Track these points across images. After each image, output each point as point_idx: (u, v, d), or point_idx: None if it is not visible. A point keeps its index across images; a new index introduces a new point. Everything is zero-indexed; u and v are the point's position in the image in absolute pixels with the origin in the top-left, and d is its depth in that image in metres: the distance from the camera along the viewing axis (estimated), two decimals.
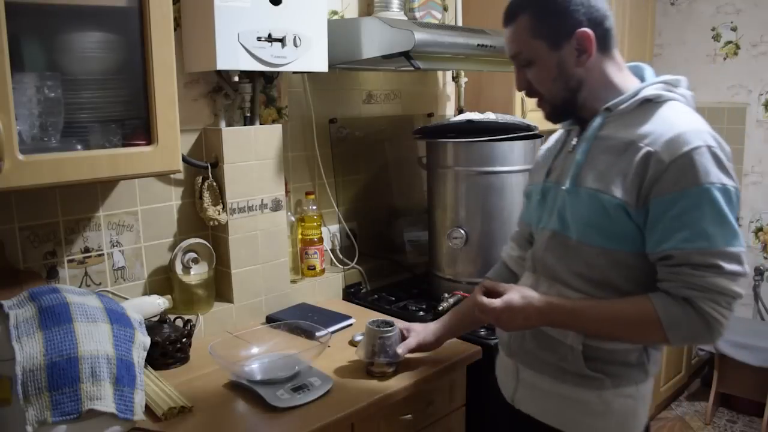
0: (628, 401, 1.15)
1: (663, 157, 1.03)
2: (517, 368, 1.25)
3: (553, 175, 1.22)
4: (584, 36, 1.09)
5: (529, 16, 1.11)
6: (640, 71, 1.19)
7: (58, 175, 1.18)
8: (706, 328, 1.02)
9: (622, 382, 1.14)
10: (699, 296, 1.01)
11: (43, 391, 1.06)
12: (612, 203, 1.07)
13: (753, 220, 3.37)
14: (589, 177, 1.11)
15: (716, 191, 1.01)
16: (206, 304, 1.68)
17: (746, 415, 3.04)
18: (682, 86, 1.16)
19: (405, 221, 2.24)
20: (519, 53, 1.14)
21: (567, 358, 1.14)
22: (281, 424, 1.23)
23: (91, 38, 1.27)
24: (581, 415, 1.15)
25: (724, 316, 1.02)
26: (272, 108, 1.85)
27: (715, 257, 1.00)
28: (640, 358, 1.14)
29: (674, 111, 1.09)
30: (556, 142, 1.29)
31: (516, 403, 1.26)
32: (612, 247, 1.10)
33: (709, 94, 3.44)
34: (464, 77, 2.39)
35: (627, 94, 1.12)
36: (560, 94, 1.14)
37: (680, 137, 1.03)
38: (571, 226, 1.14)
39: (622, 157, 1.07)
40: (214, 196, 1.66)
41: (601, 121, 1.13)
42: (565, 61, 1.11)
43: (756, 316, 3.37)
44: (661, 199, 1.03)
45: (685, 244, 1.01)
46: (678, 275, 1.03)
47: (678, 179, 1.02)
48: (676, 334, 1.04)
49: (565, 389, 1.16)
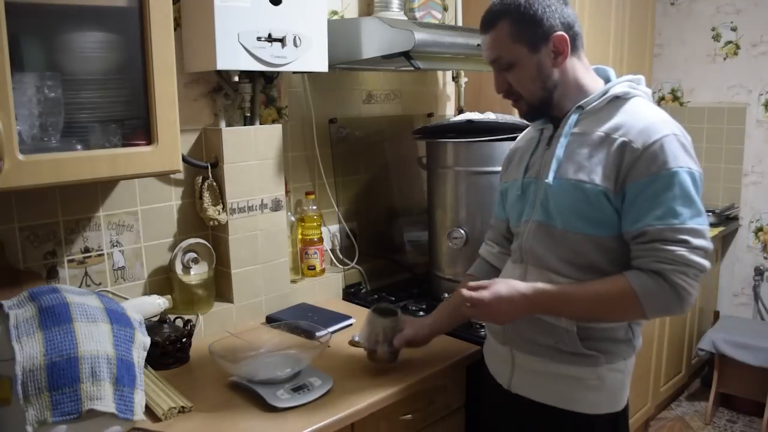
0: (618, 375, 1.25)
1: (636, 146, 1.14)
2: (513, 354, 1.31)
3: (532, 170, 1.30)
4: (561, 39, 1.20)
5: (509, 22, 1.19)
6: (604, 72, 1.30)
7: (58, 175, 1.18)
8: (677, 298, 1.11)
9: (614, 358, 1.23)
10: (670, 269, 1.11)
11: (43, 391, 1.05)
12: (594, 191, 1.16)
13: (753, 220, 3.37)
14: (570, 169, 1.20)
15: (684, 174, 1.12)
16: (206, 304, 1.68)
17: (746, 415, 3.04)
18: (643, 84, 1.27)
19: (405, 221, 2.24)
20: (500, 57, 1.23)
21: (563, 339, 1.22)
22: (281, 424, 1.23)
23: (91, 38, 1.27)
24: (578, 391, 1.24)
25: (693, 287, 1.12)
26: (272, 108, 1.85)
27: (684, 233, 1.11)
28: (627, 334, 1.24)
29: (640, 106, 1.21)
30: (529, 140, 1.37)
31: (513, 387, 1.32)
32: (594, 233, 1.19)
33: (709, 94, 3.44)
34: (464, 77, 2.39)
35: (597, 92, 1.23)
36: (538, 94, 1.23)
37: (650, 127, 1.15)
38: (555, 216, 1.22)
39: (599, 149, 1.18)
40: (214, 196, 1.66)
41: (576, 118, 1.23)
42: (543, 62, 1.21)
43: (756, 316, 3.37)
44: (635, 183, 1.14)
45: (657, 222, 1.12)
46: (650, 251, 1.12)
47: (650, 164, 1.12)
48: (652, 306, 1.13)
49: (562, 368, 1.23)
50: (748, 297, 3.40)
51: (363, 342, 1.44)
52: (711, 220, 3.23)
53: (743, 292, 3.43)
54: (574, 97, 1.24)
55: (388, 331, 1.40)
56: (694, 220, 1.11)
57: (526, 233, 1.28)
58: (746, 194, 3.38)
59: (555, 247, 1.22)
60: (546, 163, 1.25)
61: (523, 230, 1.29)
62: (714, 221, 3.24)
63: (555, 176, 1.21)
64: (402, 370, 1.44)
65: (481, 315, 1.23)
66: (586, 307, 1.18)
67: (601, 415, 1.24)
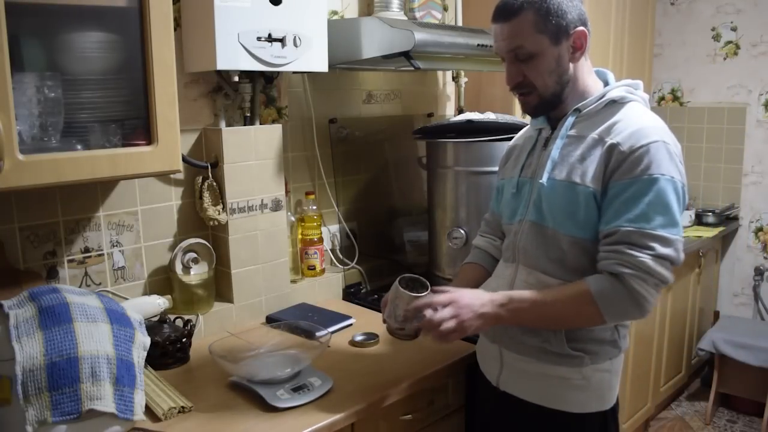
0: (604, 375, 1.26)
1: (623, 148, 1.15)
2: (501, 353, 1.32)
3: (528, 170, 1.31)
4: (582, 34, 1.20)
5: (534, 12, 1.17)
6: (603, 75, 1.31)
7: (58, 175, 1.18)
8: (635, 304, 1.12)
9: (599, 358, 1.24)
10: (629, 273, 1.11)
11: (43, 391, 1.05)
12: (585, 192, 1.17)
13: (753, 220, 3.37)
14: (564, 171, 1.21)
15: (665, 182, 1.12)
16: (206, 304, 1.68)
17: (746, 415, 3.04)
18: (640, 89, 1.28)
19: (405, 221, 2.24)
20: (520, 47, 1.20)
21: (550, 340, 1.22)
22: (281, 424, 1.23)
23: (91, 38, 1.27)
24: (564, 390, 1.24)
25: (652, 295, 1.12)
26: (272, 108, 1.85)
27: (652, 239, 1.11)
28: (613, 335, 1.25)
29: (635, 110, 1.22)
30: (527, 140, 1.38)
31: (501, 385, 1.33)
32: (583, 235, 1.19)
33: (709, 94, 3.44)
34: (464, 77, 2.39)
35: (594, 96, 1.24)
36: (552, 88, 1.23)
37: (640, 131, 1.15)
38: (548, 217, 1.23)
39: (591, 152, 1.19)
40: (214, 196, 1.66)
41: (572, 120, 1.24)
42: (562, 56, 1.21)
43: (756, 316, 3.37)
44: (616, 184, 1.15)
45: (627, 224, 1.12)
46: (614, 252, 1.13)
47: (633, 167, 1.13)
48: (609, 311, 1.13)
49: (549, 368, 1.24)
50: (748, 297, 3.40)
51: (388, 319, 1.30)
52: (711, 220, 3.23)
53: (743, 292, 3.43)
54: (578, 97, 1.25)
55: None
56: (667, 229, 1.11)
57: (520, 232, 1.29)
58: (746, 194, 3.38)
59: (546, 247, 1.24)
60: (542, 164, 1.26)
61: (517, 229, 1.30)
62: (714, 221, 3.24)
63: (549, 177, 1.22)
64: (402, 370, 1.44)
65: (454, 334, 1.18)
66: (547, 310, 1.17)
67: (589, 414, 1.25)
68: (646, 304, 1.12)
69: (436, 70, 2.33)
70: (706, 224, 3.24)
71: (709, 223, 3.24)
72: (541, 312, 1.18)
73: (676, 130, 3.59)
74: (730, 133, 3.39)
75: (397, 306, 1.27)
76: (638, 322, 2.54)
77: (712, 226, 3.22)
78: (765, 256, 3.35)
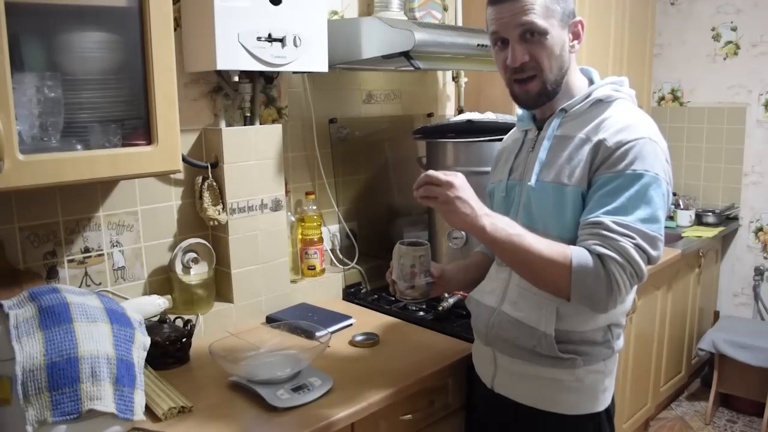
0: (598, 376, 1.25)
1: (609, 144, 1.14)
2: (495, 355, 1.32)
3: (516, 173, 1.30)
4: (581, 24, 1.22)
5: None
6: (588, 73, 1.30)
7: (58, 175, 1.18)
8: (607, 289, 1.08)
9: (591, 360, 1.23)
10: (609, 257, 1.08)
11: (43, 391, 1.05)
12: (574, 192, 1.17)
13: (753, 220, 3.37)
14: (552, 172, 1.20)
15: (648, 178, 1.11)
16: (206, 304, 1.68)
17: (746, 415, 3.04)
18: (626, 86, 1.26)
19: (405, 221, 2.24)
20: (533, 22, 1.15)
21: (541, 343, 1.21)
22: (281, 424, 1.23)
23: (91, 38, 1.27)
24: (557, 393, 1.24)
25: (626, 286, 1.09)
26: (272, 108, 1.85)
27: (630, 230, 1.09)
28: (606, 336, 1.24)
29: (622, 108, 1.21)
30: (515, 141, 1.37)
31: (495, 387, 1.33)
32: (570, 237, 1.17)
33: (709, 94, 3.44)
34: (464, 77, 2.39)
35: (580, 96, 1.23)
36: (554, 75, 1.21)
37: (627, 128, 1.15)
38: (538, 219, 1.22)
39: (579, 152, 1.18)
40: (214, 196, 1.66)
41: (559, 121, 1.24)
42: (565, 42, 1.21)
43: (756, 316, 3.38)
44: (599, 177, 1.14)
45: (606, 215, 1.10)
46: (596, 236, 1.10)
47: (618, 162, 1.13)
48: (579, 288, 1.09)
49: (541, 371, 1.24)
50: (748, 297, 3.40)
51: (396, 279, 1.33)
52: (711, 220, 3.24)
53: (743, 292, 3.43)
54: (564, 96, 1.24)
55: (424, 260, 1.31)
56: (646, 224, 1.09)
57: None
58: (746, 194, 3.38)
59: None
60: (529, 166, 1.25)
61: None
62: (714, 221, 3.24)
63: (537, 179, 1.22)
64: (402, 370, 1.44)
65: (437, 202, 1.14)
66: (522, 254, 1.11)
67: (583, 415, 1.25)
68: (618, 294, 1.09)
69: (436, 70, 2.33)
70: (706, 224, 3.24)
71: (709, 223, 3.24)
72: (515, 250, 1.12)
73: (676, 130, 3.62)
74: (730, 133, 3.39)
75: (403, 265, 1.31)
76: (638, 322, 2.54)
77: (712, 226, 3.22)
78: (765, 256, 3.35)
